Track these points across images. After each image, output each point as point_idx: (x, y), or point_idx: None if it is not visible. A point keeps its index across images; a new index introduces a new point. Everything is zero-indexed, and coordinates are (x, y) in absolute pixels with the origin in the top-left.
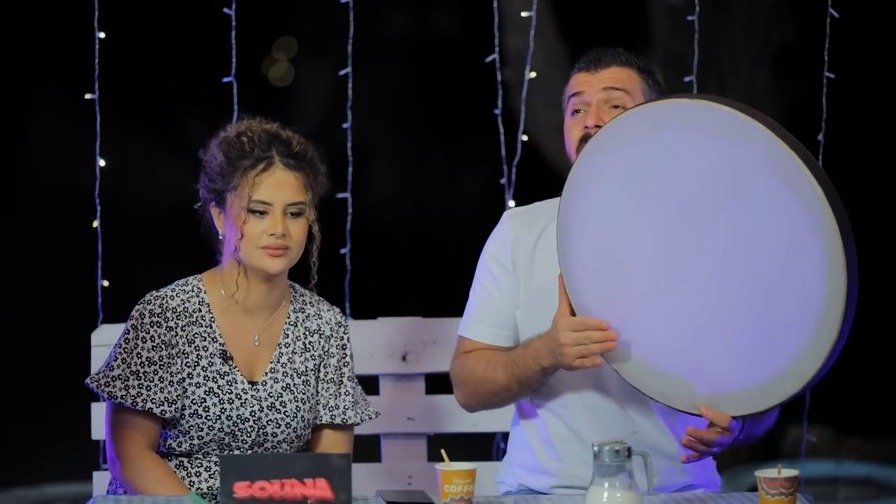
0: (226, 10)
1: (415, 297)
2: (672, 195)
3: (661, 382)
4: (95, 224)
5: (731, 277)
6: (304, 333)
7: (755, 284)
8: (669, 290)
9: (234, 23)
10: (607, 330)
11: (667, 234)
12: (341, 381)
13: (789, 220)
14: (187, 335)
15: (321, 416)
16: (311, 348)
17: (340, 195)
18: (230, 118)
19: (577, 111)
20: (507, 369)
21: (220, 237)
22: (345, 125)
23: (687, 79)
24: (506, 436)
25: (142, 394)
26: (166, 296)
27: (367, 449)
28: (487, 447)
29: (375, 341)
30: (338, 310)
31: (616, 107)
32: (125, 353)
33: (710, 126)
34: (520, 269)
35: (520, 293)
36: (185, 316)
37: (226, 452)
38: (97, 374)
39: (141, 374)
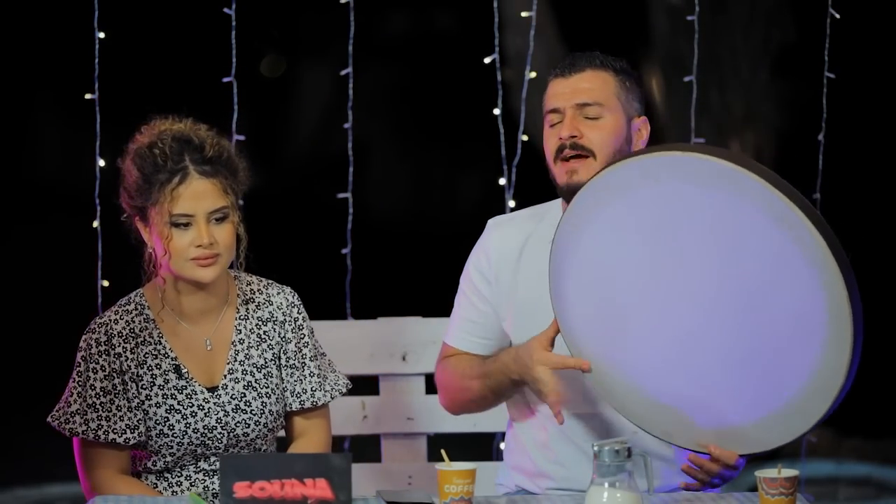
0: (226, 10)
1: (415, 297)
2: (669, 240)
3: (664, 420)
4: (95, 224)
5: (729, 318)
6: (257, 324)
7: (755, 326)
8: (667, 328)
9: (234, 23)
10: (586, 368)
11: (664, 276)
12: (304, 363)
13: (790, 268)
14: (137, 357)
15: (290, 404)
16: (266, 338)
17: (340, 195)
18: (230, 118)
19: (553, 124)
20: (481, 381)
21: (150, 251)
22: (345, 125)
23: (687, 79)
24: (505, 436)
25: (102, 426)
26: (110, 320)
27: (367, 449)
28: (487, 447)
29: (375, 341)
30: (289, 289)
31: (590, 118)
32: (79, 386)
33: (706, 179)
34: (504, 280)
35: (505, 304)
36: (132, 338)
37: (202, 461)
38: (56, 412)
39: (98, 406)
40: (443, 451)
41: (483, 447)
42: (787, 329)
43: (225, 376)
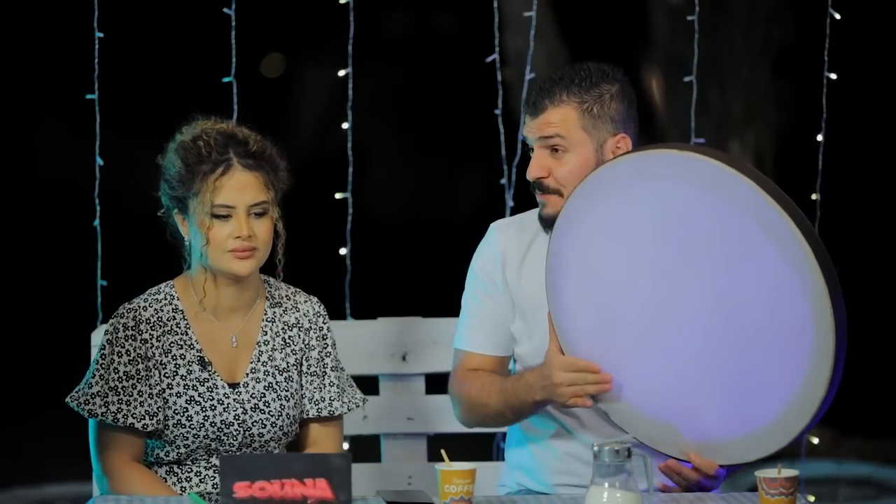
0: (226, 10)
1: (415, 297)
2: (662, 243)
3: (650, 427)
4: (95, 224)
5: (718, 329)
6: (283, 328)
7: (743, 337)
8: (657, 337)
9: (233, 23)
10: (600, 373)
11: (655, 281)
12: (325, 372)
13: (777, 277)
14: (163, 345)
15: (307, 411)
16: (290, 343)
17: (340, 195)
18: (230, 118)
19: (528, 153)
20: (500, 398)
21: (186, 243)
22: (345, 125)
23: (687, 79)
24: (505, 436)
25: (122, 409)
26: (139, 307)
27: (367, 449)
28: (487, 447)
29: (375, 341)
30: (315, 299)
31: (556, 149)
32: (102, 369)
33: (700, 180)
34: (509, 282)
35: (510, 307)
36: (160, 326)
37: (214, 457)
38: (76, 393)
39: (120, 390)
40: (443, 451)
41: (483, 447)
42: (775, 344)
43: (247, 374)
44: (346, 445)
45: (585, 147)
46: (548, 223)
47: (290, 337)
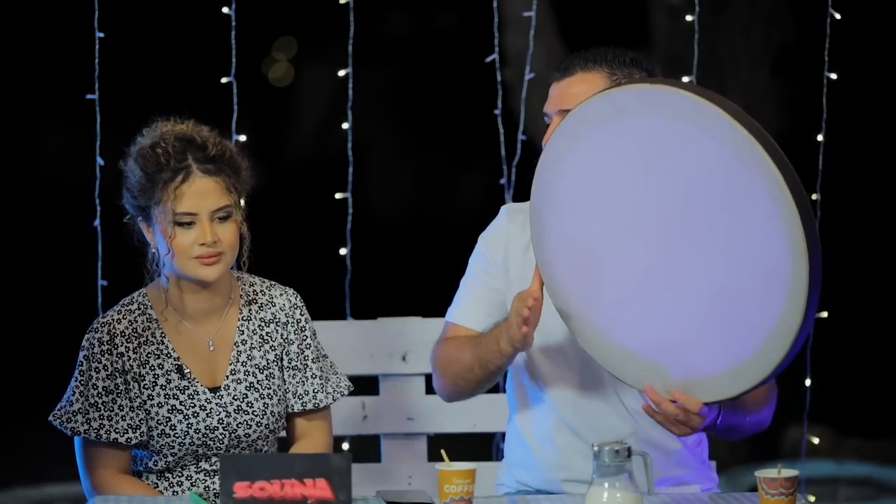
0: (225, 10)
1: (415, 297)
2: (638, 178)
3: (638, 367)
4: (95, 224)
5: (699, 263)
6: (260, 325)
7: (721, 269)
8: (640, 273)
9: (233, 23)
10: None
11: (634, 216)
12: (306, 365)
13: (752, 205)
14: (140, 357)
15: (292, 405)
16: (268, 339)
17: (340, 195)
18: (230, 118)
19: (547, 125)
20: (473, 349)
21: (153, 250)
22: (345, 125)
23: (687, 79)
24: (505, 436)
25: (104, 425)
26: (112, 320)
27: (367, 449)
28: (487, 447)
29: (375, 341)
30: (291, 290)
31: None
32: (81, 385)
33: (671, 111)
34: (513, 265)
35: (513, 287)
36: (135, 337)
37: (203, 461)
38: (58, 411)
39: (100, 405)
40: (443, 451)
41: (483, 447)
42: (752, 274)
43: (227, 377)
44: (345, 445)
45: None
46: None
47: (267, 333)
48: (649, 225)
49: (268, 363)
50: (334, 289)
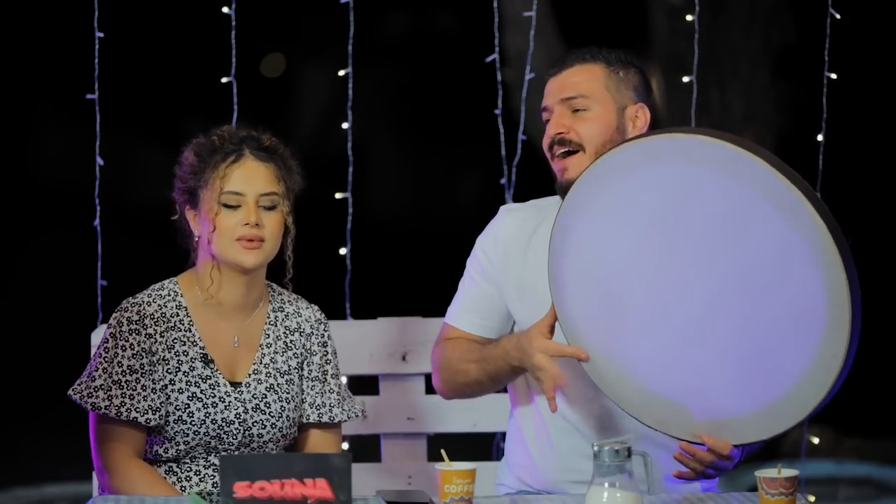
0: (225, 10)
1: (415, 297)
2: (668, 225)
3: (660, 410)
4: (95, 224)
5: (727, 307)
6: (285, 332)
7: (754, 313)
8: (664, 319)
9: (233, 23)
10: (584, 357)
11: (662, 262)
12: (325, 378)
13: (789, 251)
14: (166, 341)
15: (308, 415)
16: (292, 347)
17: (340, 195)
18: (230, 118)
19: (546, 121)
20: (479, 365)
21: (196, 238)
22: (345, 125)
23: (686, 79)
24: (505, 436)
25: (125, 403)
26: (143, 302)
27: (367, 449)
28: (487, 447)
29: (375, 341)
30: (316, 307)
31: (577, 110)
32: (105, 362)
33: (707, 161)
34: (512, 265)
35: (511, 288)
36: (164, 321)
37: (213, 455)
38: (79, 386)
39: (123, 384)
40: (443, 451)
41: (483, 447)
42: (786, 318)
43: (249, 375)
44: (345, 445)
45: (608, 106)
46: (564, 191)
47: (291, 341)
48: (677, 268)
49: (289, 369)
50: (334, 289)
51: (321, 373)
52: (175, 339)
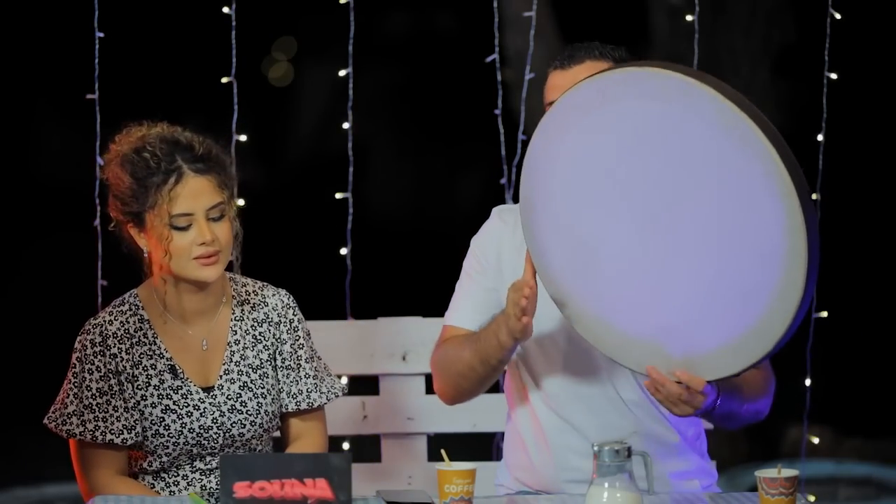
0: (225, 10)
1: (415, 297)
2: (629, 163)
3: (638, 350)
4: (95, 223)
5: (693, 240)
6: (252, 325)
7: (717, 245)
8: (635, 256)
9: (233, 23)
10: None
11: (627, 201)
12: (299, 365)
13: (745, 181)
14: (132, 357)
15: (286, 405)
16: (261, 339)
17: (340, 195)
18: (230, 118)
19: None
20: (472, 346)
21: (145, 254)
22: (345, 125)
23: None
24: (504, 436)
25: (99, 426)
26: (104, 321)
27: (367, 449)
28: (487, 447)
29: (375, 341)
30: (283, 292)
31: None
32: (75, 387)
33: (659, 93)
34: (506, 265)
35: (507, 286)
36: (127, 338)
37: (198, 460)
38: (53, 414)
39: (94, 407)
40: (443, 451)
41: (483, 447)
42: (749, 249)
43: (220, 376)
44: (345, 445)
45: None
46: None
47: (260, 333)
48: (643, 208)
49: (261, 363)
50: (334, 289)
51: (293, 360)
52: (141, 353)
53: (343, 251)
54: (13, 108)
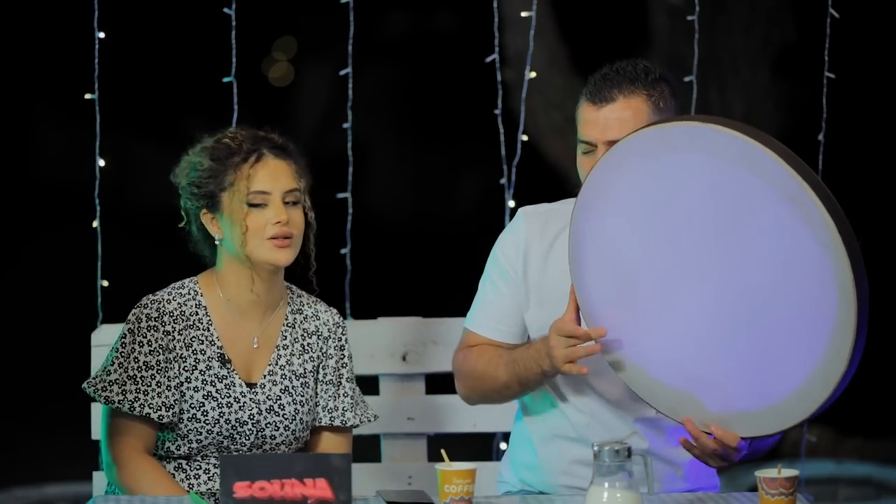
0: (226, 10)
1: (415, 297)
2: (683, 214)
3: (672, 398)
4: (95, 224)
5: (739, 301)
6: (302, 335)
7: (764, 310)
8: (679, 307)
9: (234, 23)
10: (600, 338)
11: (677, 252)
12: (340, 382)
13: (799, 248)
14: (185, 339)
15: (320, 419)
16: (309, 350)
17: (340, 195)
18: (230, 118)
19: (586, 152)
20: (509, 367)
21: (218, 242)
22: (345, 125)
23: (687, 79)
24: (506, 436)
25: (139, 399)
26: (163, 299)
27: (367, 449)
28: (487, 447)
29: (375, 341)
30: (335, 311)
31: None
32: (122, 357)
33: (721, 151)
34: (531, 271)
35: (530, 295)
36: (182, 319)
37: (224, 454)
38: (94, 379)
39: (138, 379)
40: (443, 451)
41: (483, 447)
42: (795, 316)
43: (264, 376)
44: None
45: None
46: None
47: (308, 344)
48: (692, 260)
49: (305, 371)
50: (334, 289)
51: (336, 376)
52: (193, 337)
53: (343, 251)
54: (13, 108)
